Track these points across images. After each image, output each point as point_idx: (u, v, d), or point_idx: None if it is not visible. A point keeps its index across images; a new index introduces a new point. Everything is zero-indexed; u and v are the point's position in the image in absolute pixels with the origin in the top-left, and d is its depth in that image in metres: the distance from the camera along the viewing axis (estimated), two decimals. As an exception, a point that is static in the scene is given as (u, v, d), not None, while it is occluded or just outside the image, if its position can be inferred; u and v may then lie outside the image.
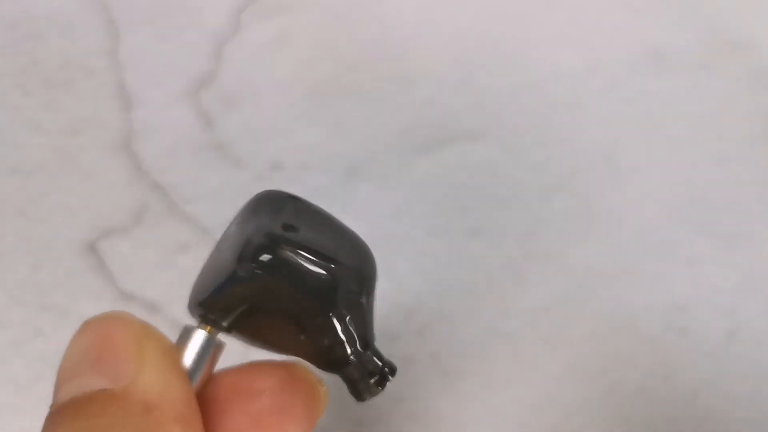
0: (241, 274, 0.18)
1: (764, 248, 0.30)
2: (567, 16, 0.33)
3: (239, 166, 0.31)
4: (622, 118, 0.32)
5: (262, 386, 0.19)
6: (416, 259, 0.30)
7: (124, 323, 0.18)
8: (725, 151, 0.31)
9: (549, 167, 0.31)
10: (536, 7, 0.33)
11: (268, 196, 0.20)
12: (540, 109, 0.32)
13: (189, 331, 0.19)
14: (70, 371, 0.17)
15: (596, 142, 0.31)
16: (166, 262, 0.30)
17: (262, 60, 0.33)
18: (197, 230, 0.30)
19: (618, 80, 0.32)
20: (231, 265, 0.18)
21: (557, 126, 0.31)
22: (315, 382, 0.19)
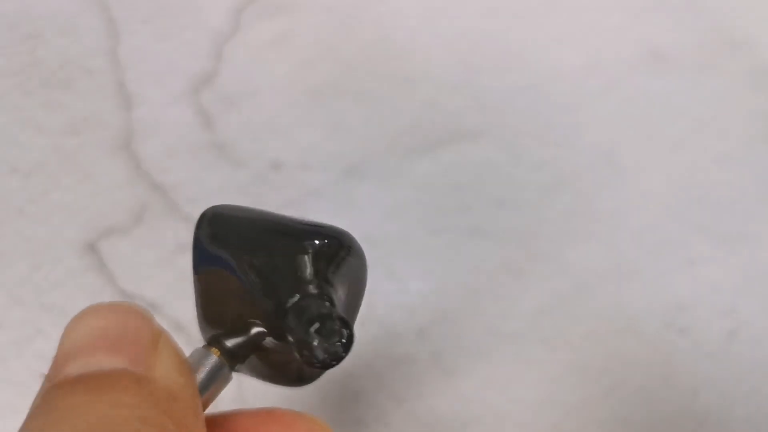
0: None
1: (764, 248, 0.30)
2: (567, 16, 0.33)
3: (239, 166, 0.31)
4: (622, 118, 0.32)
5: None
6: (416, 259, 0.30)
7: (142, 316, 0.17)
8: (725, 151, 0.31)
9: (549, 167, 0.31)
10: (536, 7, 0.33)
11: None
12: (540, 109, 0.32)
13: (200, 354, 0.19)
14: (81, 348, 0.16)
15: (596, 142, 0.31)
16: (166, 262, 0.30)
17: (262, 60, 0.33)
18: (197, 230, 0.30)
19: (618, 80, 0.32)
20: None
21: (557, 126, 0.31)
22: None
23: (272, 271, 0.18)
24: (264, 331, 0.18)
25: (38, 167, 0.31)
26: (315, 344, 0.17)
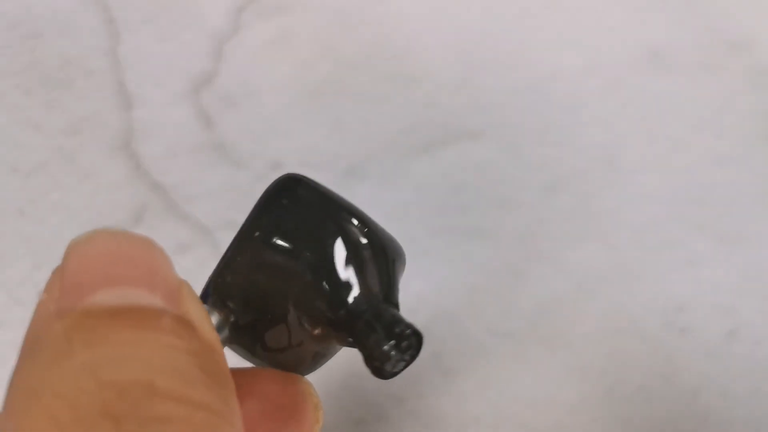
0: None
1: (764, 248, 0.30)
2: (567, 16, 0.33)
3: (239, 166, 0.31)
4: (622, 118, 0.32)
5: (264, 391, 0.18)
6: (416, 259, 0.30)
7: (163, 252, 0.15)
8: (725, 151, 0.31)
9: (549, 167, 0.31)
10: (536, 7, 0.33)
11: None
12: (540, 109, 0.32)
13: None
14: (110, 275, 0.14)
15: (596, 142, 0.31)
16: (166, 262, 0.30)
17: (262, 60, 0.33)
18: (197, 230, 0.30)
19: (618, 80, 0.32)
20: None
21: (557, 126, 0.31)
22: (316, 402, 0.19)
23: (360, 269, 0.17)
24: (305, 322, 0.17)
25: (38, 167, 0.31)
26: (392, 355, 0.17)
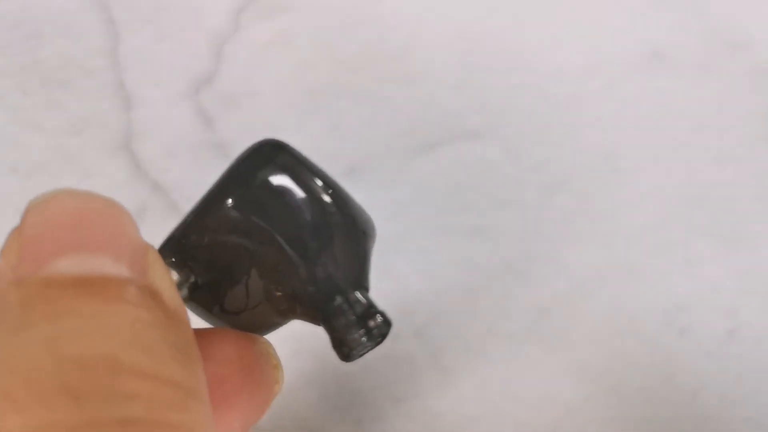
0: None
1: (764, 248, 0.30)
2: (567, 16, 0.33)
3: (239, 166, 0.31)
4: (622, 118, 0.32)
5: (222, 353, 0.17)
6: (416, 259, 0.30)
7: (127, 213, 0.14)
8: (725, 151, 0.31)
9: (549, 167, 0.31)
10: (536, 7, 0.33)
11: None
12: (540, 109, 0.32)
13: None
14: (71, 239, 0.13)
15: (596, 142, 0.31)
16: (165, 262, 0.30)
17: (262, 60, 0.33)
18: (197, 230, 0.30)
19: (618, 80, 0.32)
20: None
21: (557, 126, 0.31)
22: (275, 363, 0.18)
23: (333, 248, 0.17)
24: (271, 290, 0.17)
25: (38, 167, 0.31)
26: (363, 342, 0.17)
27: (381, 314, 0.17)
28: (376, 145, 0.31)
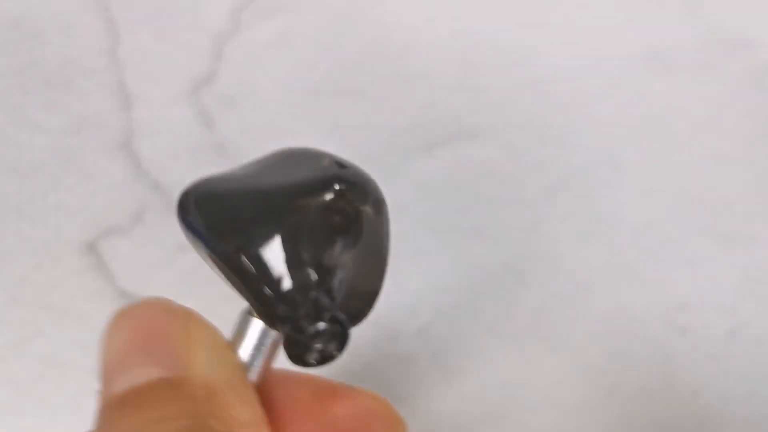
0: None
1: (764, 248, 0.30)
2: (567, 16, 0.33)
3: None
4: (622, 118, 0.32)
5: (341, 410, 0.18)
6: (416, 259, 0.30)
7: (167, 309, 0.17)
8: (725, 151, 0.31)
9: (549, 167, 0.31)
10: (536, 7, 0.33)
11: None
12: (540, 109, 0.32)
13: (243, 321, 0.17)
14: (119, 362, 0.16)
15: (596, 142, 0.31)
16: (166, 262, 0.30)
17: (262, 60, 0.33)
18: (197, 230, 0.30)
19: (618, 80, 0.32)
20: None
21: (557, 126, 0.31)
22: (398, 421, 0.19)
23: (264, 247, 0.16)
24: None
25: (38, 167, 0.31)
26: (314, 346, 0.16)
27: (337, 320, 0.16)
28: (376, 145, 0.31)
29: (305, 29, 0.33)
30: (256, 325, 0.17)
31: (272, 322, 0.17)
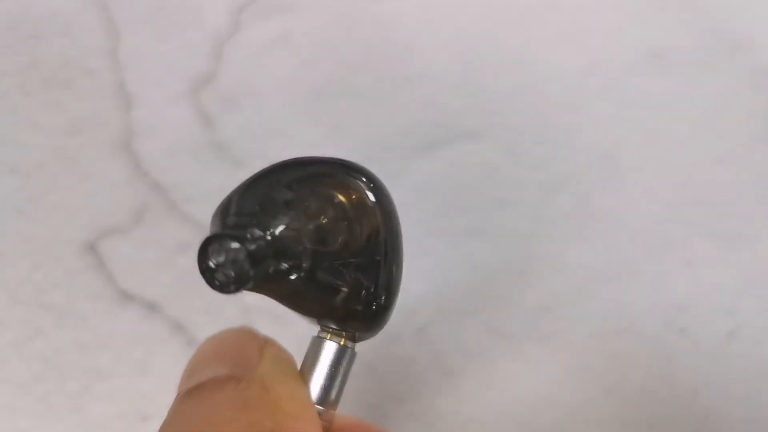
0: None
1: (764, 248, 0.30)
2: (567, 16, 0.33)
3: (239, 166, 0.31)
4: (622, 118, 0.32)
5: None
6: (416, 259, 0.30)
7: (248, 332, 0.20)
8: (725, 151, 0.31)
9: (549, 167, 0.31)
10: (536, 7, 0.33)
11: None
12: (540, 109, 0.32)
13: (314, 343, 0.20)
14: (196, 366, 0.19)
15: (596, 142, 0.31)
16: (166, 262, 0.30)
17: (262, 60, 0.33)
18: (197, 230, 0.30)
19: (618, 80, 0.32)
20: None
21: (557, 126, 0.31)
22: None
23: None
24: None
25: (38, 167, 0.31)
26: (209, 265, 0.17)
27: (239, 247, 0.17)
28: (376, 145, 0.31)
29: (305, 29, 0.33)
30: (325, 346, 0.19)
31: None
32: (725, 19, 0.33)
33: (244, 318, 0.29)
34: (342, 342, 0.19)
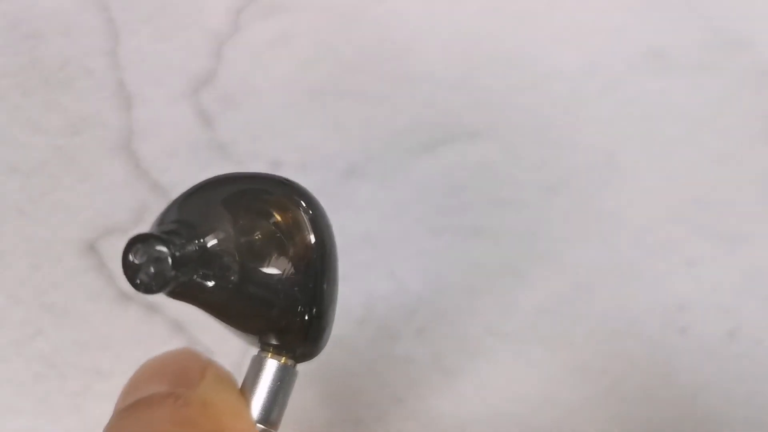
0: None
1: (764, 248, 0.30)
2: (567, 16, 0.33)
3: (239, 166, 0.31)
4: (622, 118, 0.32)
5: None
6: (416, 259, 0.30)
7: (190, 352, 0.20)
8: (725, 151, 0.31)
9: (549, 167, 0.31)
10: (536, 7, 0.33)
11: None
12: (540, 109, 0.32)
13: (255, 361, 0.20)
14: (135, 384, 0.19)
15: (596, 142, 0.31)
16: (166, 262, 0.30)
17: (262, 60, 0.33)
18: (197, 230, 0.30)
19: (618, 80, 0.32)
20: None
21: (557, 126, 0.31)
22: None
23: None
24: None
25: (38, 167, 0.31)
26: (131, 262, 0.18)
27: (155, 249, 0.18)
28: (376, 145, 0.31)
29: (305, 29, 0.33)
30: (266, 364, 0.19)
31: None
32: (726, 19, 0.33)
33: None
34: (283, 360, 0.19)
